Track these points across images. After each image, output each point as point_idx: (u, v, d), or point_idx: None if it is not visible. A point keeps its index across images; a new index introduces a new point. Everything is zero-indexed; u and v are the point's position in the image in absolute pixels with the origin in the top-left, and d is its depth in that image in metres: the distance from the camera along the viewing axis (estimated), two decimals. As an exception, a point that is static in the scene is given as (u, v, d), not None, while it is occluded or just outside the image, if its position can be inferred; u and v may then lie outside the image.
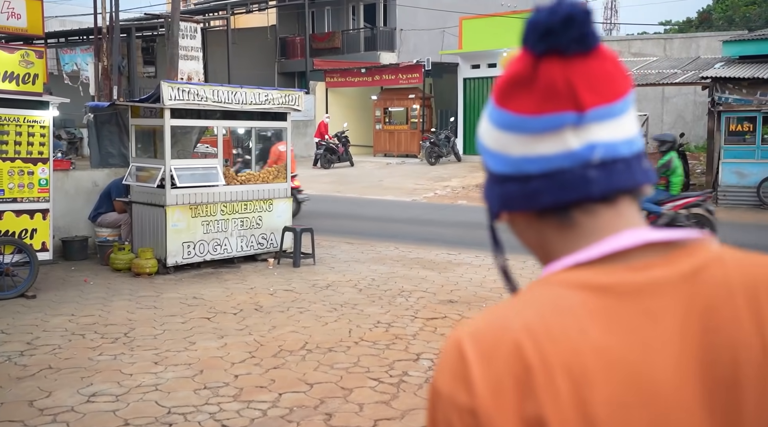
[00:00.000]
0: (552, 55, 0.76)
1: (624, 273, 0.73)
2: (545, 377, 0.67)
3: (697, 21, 43.65)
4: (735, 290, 0.72)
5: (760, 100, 13.84)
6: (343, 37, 29.75)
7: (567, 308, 0.71)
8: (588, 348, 0.68)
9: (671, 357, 0.69)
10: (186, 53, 12.50)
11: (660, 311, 0.71)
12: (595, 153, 0.76)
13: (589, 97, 0.75)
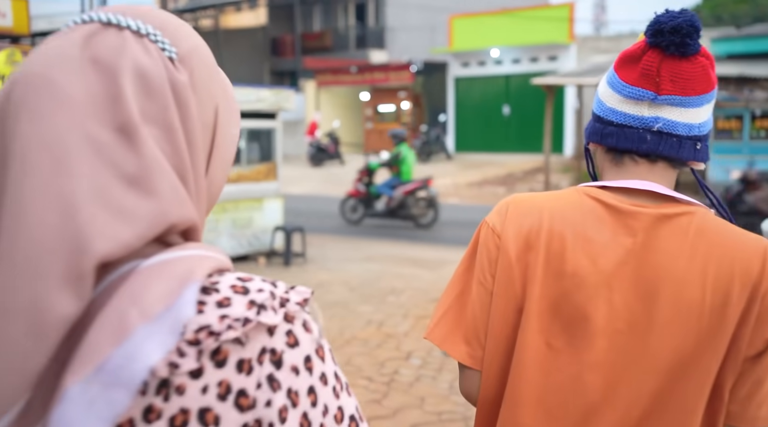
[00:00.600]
0: (657, 49, 1.07)
1: (625, 202, 1.10)
2: (545, 240, 1.10)
3: (685, 19, 43.86)
4: (691, 237, 1.06)
5: (748, 98, 13.92)
6: (333, 36, 29.73)
7: (581, 207, 1.11)
8: (577, 231, 1.10)
9: (622, 251, 1.07)
10: (175, 52, 12.50)
11: (632, 227, 1.08)
12: (657, 124, 1.09)
13: (668, 86, 1.06)
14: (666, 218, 1.08)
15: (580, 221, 1.11)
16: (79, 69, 0.60)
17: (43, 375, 0.53)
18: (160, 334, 0.53)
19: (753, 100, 13.85)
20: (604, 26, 60.72)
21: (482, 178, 18.81)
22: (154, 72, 0.63)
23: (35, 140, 0.56)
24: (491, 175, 19.52)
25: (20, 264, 0.52)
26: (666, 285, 1.05)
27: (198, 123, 0.65)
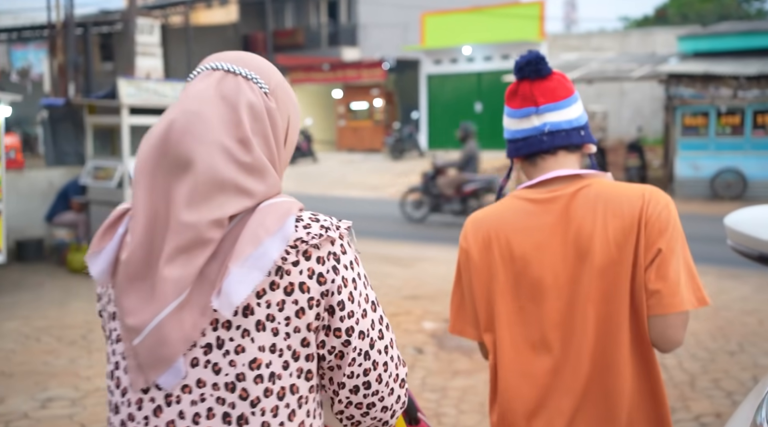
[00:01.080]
0: (524, 80, 1.57)
1: (543, 192, 1.54)
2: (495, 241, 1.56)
3: (654, 17, 44.49)
4: (592, 200, 1.49)
5: (714, 95, 14.17)
6: (305, 33, 29.61)
7: (515, 208, 1.57)
8: (520, 225, 1.54)
9: (549, 229, 1.51)
10: (144, 50, 12.26)
11: (552, 209, 1.52)
12: (546, 127, 1.54)
13: (542, 100, 1.54)
14: (574, 193, 1.52)
15: (514, 218, 1.57)
16: (214, 104, 1.03)
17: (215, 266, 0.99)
18: (276, 242, 0.98)
19: (718, 97, 14.11)
20: (575, 24, 61.33)
21: (455, 176, 18.90)
22: (257, 104, 1.06)
23: (195, 154, 0.99)
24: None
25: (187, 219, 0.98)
26: (583, 240, 1.49)
27: (281, 131, 1.10)
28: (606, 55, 20.13)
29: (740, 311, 6.28)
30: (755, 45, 15.51)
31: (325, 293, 1.03)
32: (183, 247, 0.98)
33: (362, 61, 25.36)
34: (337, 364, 1.07)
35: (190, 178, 0.99)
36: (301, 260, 1.01)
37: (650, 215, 1.45)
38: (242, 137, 1.02)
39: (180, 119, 1.02)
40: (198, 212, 0.98)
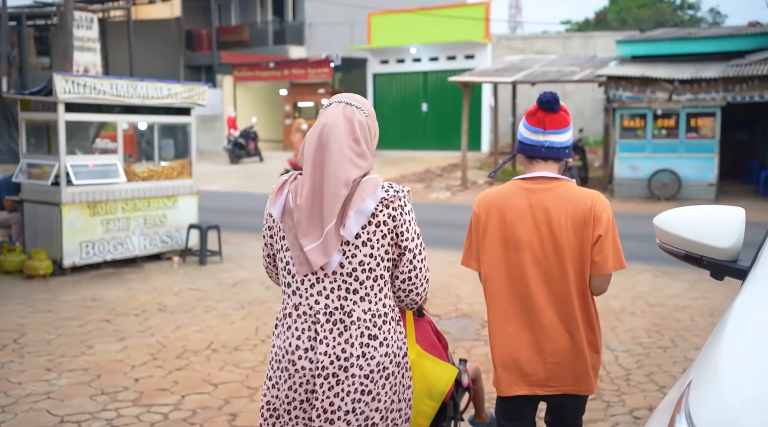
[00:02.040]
0: (542, 109, 2.47)
1: (531, 183, 2.48)
2: (493, 211, 2.49)
3: (594, 21, 45.60)
4: (560, 195, 2.44)
5: (650, 98, 14.61)
6: (251, 30, 29.24)
7: (512, 191, 2.50)
8: (512, 202, 2.47)
9: (529, 207, 2.44)
10: (82, 44, 11.90)
11: (534, 195, 2.45)
12: (546, 143, 2.47)
13: (549, 126, 2.48)
14: (548, 189, 2.46)
15: (509, 197, 2.50)
16: (341, 120, 1.97)
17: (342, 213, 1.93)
18: (372, 200, 1.94)
19: (655, 100, 14.55)
20: (520, 27, 62.35)
21: (400, 175, 18.97)
22: (362, 121, 2.02)
23: (333, 142, 1.94)
24: (410, 171, 19.71)
25: (332, 181, 1.91)
26: (548, 220, 2.43)
27: (372, 136, 2.06)
28: (549, 58, 20.52)
29: (674, 307, 6.50)
30: (689, 50, 16.06)
31: (395, 226, 1.99)
32: (331, 193, 1.93)
33: (309, 59, 25.21)
34: (395, 264, 2.06)
35: (330, 157, 1.95)
36: (384, 210, 1.98)
37: (595, 213, 2.41)
38: (355, 138, 2.00)
39: (325, 127, 1.99)
40: (337, 177, 1.93)
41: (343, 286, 1.98)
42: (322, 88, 25.65)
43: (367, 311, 2.00)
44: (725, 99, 14.01)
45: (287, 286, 2.06)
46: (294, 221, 1.98)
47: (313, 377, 1.98)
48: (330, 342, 1.97)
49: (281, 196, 2.03)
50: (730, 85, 13.96)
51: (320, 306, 1.99)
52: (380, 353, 2.00)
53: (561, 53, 23.81)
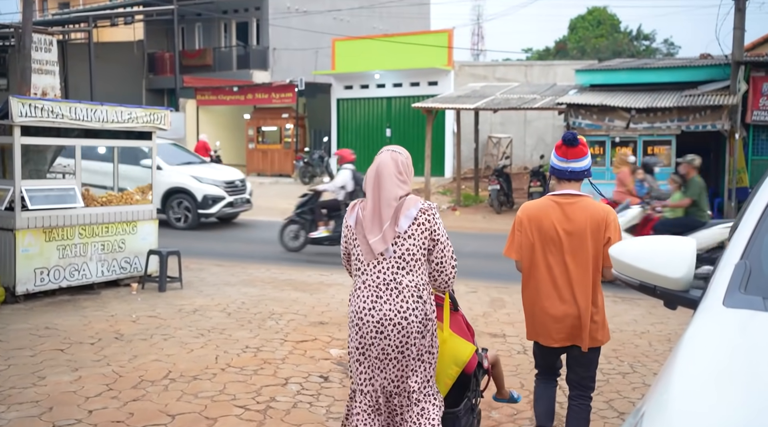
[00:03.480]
0: (565, 144, 3.55)
1: (561, 198, 3.56)
2: (531, 218, 3.59)
3: (554, 50, 46.63)
4: (583, 207, 3.51)
5: (608, 126, 14.94)
6: (214, 55, 29.17)
7: (547, 204, 3.58)
8: (547, 212, 3.54)
9: (559, 216, 3.51)
10: (40, 67, 11.71)
11: (563, 208, 3.52)
12: (569, 168, 3.56)
13: (570, 156, 3.56)
14: (573, 202, 3.51)
15: (545, 208, 3.55)
16: (390, 160, 3.18)
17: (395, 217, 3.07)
18: (414, 209, 3.07)
19: (613, 128, 14.89)
20: (482, 54, 63.38)
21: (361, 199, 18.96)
22: (403, 161, 3.21)
23: (386, 175, 3.13)
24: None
25: (386, 196, 3.09)
26: (575, 226, 3.47)
27: (410, 170, 3.23)
28: (510, 85, 20.88)
29: (632, 333, 6.59)
30: (645, 80, 16.51)
31: (430, 226, 3.06)
32: (387, 207, 3.05)
33: (273, 83, 25.21)
34: (431, 252, 3.09)
35: (384, 183, 3.09)
36: (422, 215, 3.05)
37: (607, 221, 3.45)
38: (399, 171, 3.14)
39: (380, 165, 3.15)
40: (389, 194, 3.07)
41: (395, 265, 3.05)
42: (286, 113, 25.64)
43: (412, 281, 3.06)
44: (680, 128, 14.40)
45: (357, 269, 3.15)
46: (363, 226, 3.11)
47: (379, 324, 3.05)
48: (392, 301, 3.04)
49: (354, 212, 3.18)
50: (684, 114, 14.36)
51: (380, 280, 3.07)
52: (424, 307, 3.08)
53: (522, 80, 24.25)
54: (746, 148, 15.21)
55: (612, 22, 46.28)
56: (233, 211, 14.71)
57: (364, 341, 3.08)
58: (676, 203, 9.10)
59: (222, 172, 15.14)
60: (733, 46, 14.30)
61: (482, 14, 65.33)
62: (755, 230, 2.16)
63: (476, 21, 64.73)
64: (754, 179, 14.65)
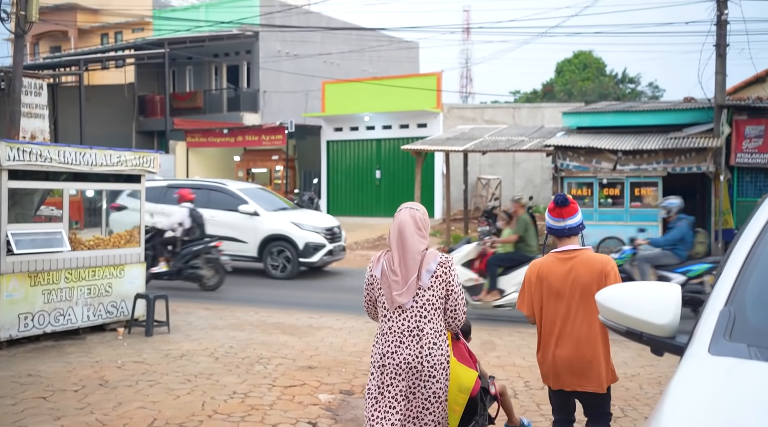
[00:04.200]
0: (557, 206, 3.93)
1: (562, 255, 3.92)
2: (539, 275, 3.93)
3: (541, 92, 47.34)
4: (583, 261, 3.84)
5: (596, 168, 15.10)
6: (205, 97, 29.40)
7: (551, 261, 3.92)
8: (552, 269, 3.89)
9: (563, 271, 3.85)
10: (30, 111, 11.76)
11: (566, 263, 3.87)
12: (566, 226, 3.93)
13: (565, 215, 3.93)
14: (574, 257, 3.87)
15: (550, 265, 3.90)
16: (409, 217, 3.52)
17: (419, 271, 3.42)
18: (434, 263, 3.42)
19: (600, 169, 15.04)
20: (471, 96, 64.26)
21: (353, 242, 18.98)
22: (420, 217, 3.55)
23: (407, 232, 3.46)
24: (363, 238, 19.75)
25: (411, 252, 3.42)
26: (579, 279, 3.79)
27: (427, 224, 3.56)
28: (499, 127, 21.13)
29: (623, 375, 6.55)
30: (631, 123, 16.75)
31: (447, 278, 3.43)
32: (412, 262, 3.39)
33: (263, 125, 25.39)
34: (447, 299, 3.44)
35: (407, 240, 3.43)
36: (440, 268, 3.41)
37: (606, 271, 3.75)
38: (418, 227, 3.47)
39: (401, 223, 3.49)
40: (412, 250, 3.41)
41: (418, 314, 3.39)
42: (276, 155, 25.77)
43: (432, 329, 3.40)
44: (666, 169, 14.57)
45: (383, 316, 3.48)
46: (388, 278, 3.43)
47: (398, 367, 3.36)
48: (412, 347, 3.37)
49: (380, 264, 3.51)
50: (669, 156, 14.55)
51: (404, 327, 3.39)
52: (439, 353, 3.40)
53: (510, 122, 24.55)
54: (731, 189, 15.38)
55: (598, 65, 47.16)
56: (331, 259, 13.98)
57: (384, 380, 3.39)
58: (505, 239, 9.93)
59: (320, 218, 14.55)
60: (715, 90, 14.58)
61: (470, 57, 66.49)
62: (738, 277, 2.17)
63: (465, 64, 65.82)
64: (739, 220, 14.78)
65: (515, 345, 7.99)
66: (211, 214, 13.40)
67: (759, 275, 2.17)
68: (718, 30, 14.24)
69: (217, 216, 13.52)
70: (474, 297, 9.60)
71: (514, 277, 9.45)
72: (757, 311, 2.06)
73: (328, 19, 30.62)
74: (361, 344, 7.87)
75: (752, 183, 15.44)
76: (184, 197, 12.25)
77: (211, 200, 13.91)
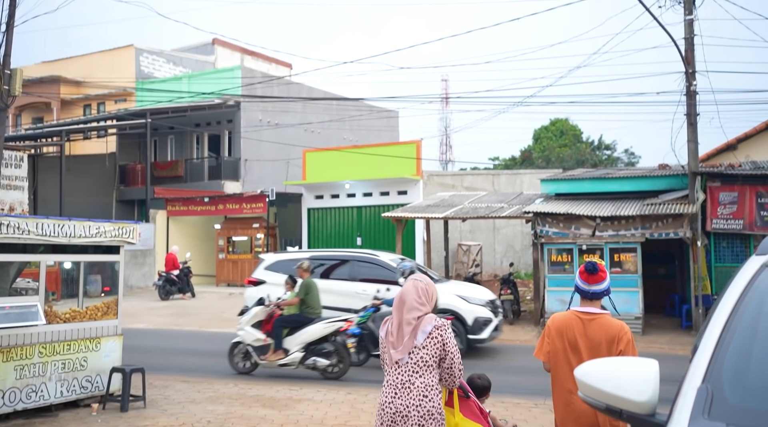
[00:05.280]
0: (586, 271, 4.27)
1: (584, 315, 4.24)
2: (558, 329, 4.28)
3: (520, 159, 48.16)
4: (600, 324, 4.17)
5: (575, 234, 15.24)
6: (186, 166, 29.54)
7: (571, 317, 4.26)
8: (571, 324, 4.24)
9: (581, 329, 4.20)
10: (9, 183, 11.76)
11: (583, 322, 4.21)
12: (591, 290, 4.26)
13: (592, 281, 4.26)
14: (593, 319, 4.19)
15: (570, 320, 4.24)
16: (411, 287, 4.08)
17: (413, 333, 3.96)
18: (429, 325, 3.95)
19: (579, 236, 15.19)
20: (451, 163, 65.19)
21: (336, 310, 18.78)
22: (423, 288, 4.08)
23: (408, 299, 4.02)
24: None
25: (407, 317, 3.98)
26: (594, 340, 4.13)
27: (431, 295, 4.09)
28: (478, 194, 21.38)
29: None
30: (608, 189, 17.04)
31: (442, 340, 3.90)
32: (407, 325, 3.93)
33: (244, 194, 25.48)
34: (443, 360, 3.92)
35: (405, 306, 4.00)
36: (435, 331, 3.90)
37: (619, 336, 4.06)
38: (418, 296, 4.00)
39: (403, 291, 4.08)
40: (410, 315, 3.94)
41: (411, 370, 3.86)
42: (257, 223, 25.76)
43: (422, 383, 3.85)
44: (644, 235, 14.75)
45: (385, 370, 3.98)
46: (389, 338, 3.97)
47: (394, 416, 3.82)
48: (404, 398, 3.83)
49: (385, 326, 4.06)
50: (647, 222, 14.75)
51: (398, 381, 3.87)
52: (431, 405, 3.83)
53: (490, 189, 24.86)
54: (708, 255, 15.55)
55: (574, 132, 48.24)
56: (497, 335, 12.88)
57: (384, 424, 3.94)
58: (288, 302, 10.52)
59: (480, 290, 13.40)
60: (688, 157, 14.94)
61: (449, 125, 67.76)
62: (714, 352, 2.18)
63: (444, 132, 67.02)
64: (719, 287, 14.91)
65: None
66: (363, 287, 12.53)
67: (735, 350, 2.18)
68: (688, 100, 14.71)
69: (369, 289, 12.33)
70: (261, 357, 10.36)
71: (297, 337, 10.20)
72: (734, 388, 2.06)
73: (309, 88, 31.23)
74: (342, 417, 7.71)
75: (729, 248, 15.65)
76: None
77: (360, 272, 13.07)
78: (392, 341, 3.93)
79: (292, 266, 12.37)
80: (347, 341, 10.29)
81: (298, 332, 10.20)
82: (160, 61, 32.78)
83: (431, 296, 4.02)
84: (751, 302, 2.35)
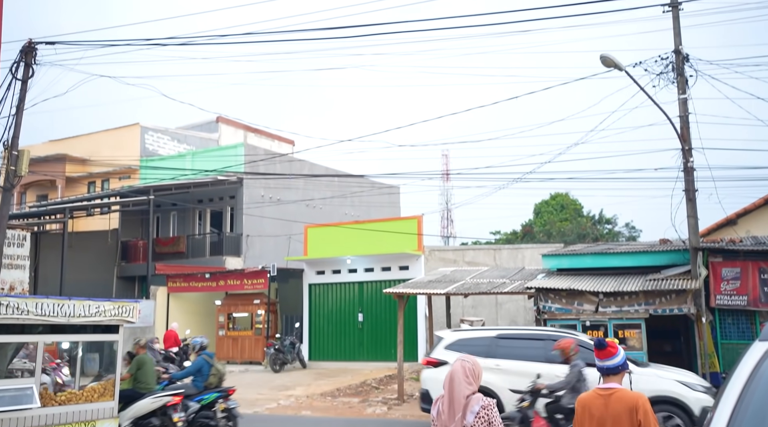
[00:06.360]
0: (597, 348, 4.77)
1: (604, 391, 4.65)
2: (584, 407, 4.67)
3: (521, 233, 48.29)
4: (620, 398, 4.55)
5: (578, 310, 15.10)
6: (188, 242, 29.62)
7: (594, 396, 4.68)
8: (594, 402, 4.63)
9: (603, 405, 4.57)
10: (11, 262, 11.79)
11: (604, 399, 4.61)
12: (605, 366, 4.72)
13: (602, 356, 4.73)
14: (612, 394, 4.58)
15: (592, 398, 4.65)
16: (460, 368, 4.57)
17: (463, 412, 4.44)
18: (477, 405, 4.43)
19: (583, 311, 15.05)
20: (452, 238, 65.31)
21: (336, 388, 18.43)
22: (470, 368, 4.56)
23: (456, 379, 4.50)
24: (345, 384, 19.21)
25: (457, 396, 4.46)
26: (613, 413, 4.49)
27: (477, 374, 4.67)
28: (480, 269, 21.31)
29: None
30: (610, 264, 16.98)
31: (489, 418, 4.40)
32: (457, 402, 4.42)
33: (245, 270, 25.43)
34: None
35: (455, 386, 4.46)
36: (482, 410, 4.39)
37: (637, 407, 4.40)
38: (466, 375, 4.49)
39: (452, 371, 4.52)
40: (458, 393, 4.42)
41: None
42: (258, 299, 25.59)
43: None
44: (648, 311, 14.60)
45: None
46: (441, 416, 4.42)
47: None
48: None
49: (436, 405, 4.50)
50: (650, 298, 14.64)
51: None
52: None
53: (491, 263, 24.79)
54: (714, 331, 15.36)
55: (575, 206, 48.54)
56: None
57: None
58: (121, 377, 10.42)
59: (693, 375, 12.15)
60: (689, 233, 14.97)
61: (450, 200, 68.31)
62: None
63: (445, 206, 67.49)
64: (726, 364, 14.66)
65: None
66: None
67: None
68: (686, 176, 14.85)
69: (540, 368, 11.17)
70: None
71: (128, 412, 10.29)
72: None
73: (311, 165, 31.66)
74: None
75: (734, 325, 15.46)
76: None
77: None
78: (444, 419, 4.39)
79: (478, 344, 11.80)
80: (174, 416, 10.52)
81: (129, 407, 10.42)
82: (165, 139, 33.41)
83: (478, 376, 4.48)
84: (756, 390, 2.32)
